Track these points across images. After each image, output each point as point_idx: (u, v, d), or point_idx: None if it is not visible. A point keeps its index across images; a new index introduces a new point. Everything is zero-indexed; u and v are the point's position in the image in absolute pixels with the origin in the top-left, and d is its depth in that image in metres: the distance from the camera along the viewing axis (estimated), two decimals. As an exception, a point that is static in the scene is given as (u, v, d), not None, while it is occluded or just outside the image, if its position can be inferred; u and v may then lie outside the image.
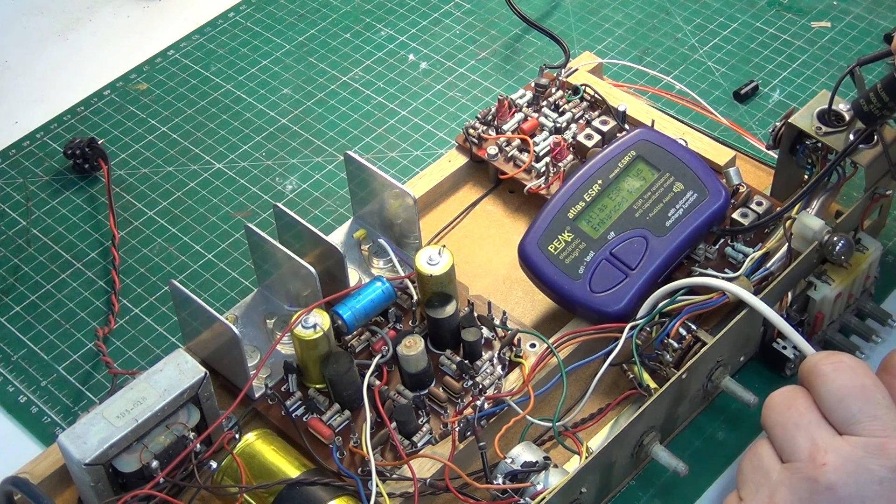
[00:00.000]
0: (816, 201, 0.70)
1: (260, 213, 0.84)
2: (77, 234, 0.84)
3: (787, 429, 0.58)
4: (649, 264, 0.69)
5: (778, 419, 0.59)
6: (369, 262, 0.74)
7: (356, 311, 0.67)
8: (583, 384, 0.68)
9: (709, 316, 0.68)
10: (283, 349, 0.69)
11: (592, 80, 0.82)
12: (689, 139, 0.77)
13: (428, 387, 0.67)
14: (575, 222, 0.70)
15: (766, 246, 0.70)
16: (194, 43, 0.98)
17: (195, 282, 0.80)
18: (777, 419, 0.59)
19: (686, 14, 0.97)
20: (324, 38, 0.98)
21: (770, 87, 0.90)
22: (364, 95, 0.92)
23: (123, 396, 0.61)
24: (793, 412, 0.58)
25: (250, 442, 0.64)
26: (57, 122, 0.92)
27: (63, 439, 0.60)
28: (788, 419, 0.58)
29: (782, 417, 0.59)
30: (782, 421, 0.58)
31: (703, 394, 0.68)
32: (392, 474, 0.62)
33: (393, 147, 0.88)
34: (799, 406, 0.58)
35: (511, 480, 0.60)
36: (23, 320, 0.79)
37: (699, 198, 0.70)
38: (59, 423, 0.73)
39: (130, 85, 0.95)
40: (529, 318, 0.72)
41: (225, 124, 0.91)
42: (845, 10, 0.95)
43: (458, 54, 0.95)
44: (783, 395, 0.60)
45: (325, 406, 0.66)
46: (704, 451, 0.68)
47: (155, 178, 0.87)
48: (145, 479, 0.60)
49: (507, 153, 0.78)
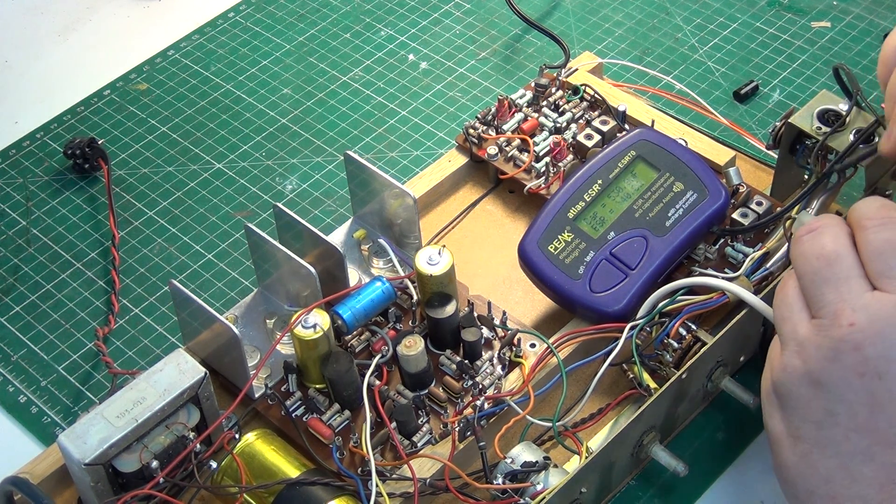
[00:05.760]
0: (816, 201, 0.70)
1: (260, 213, 0.84)
2: (77, 234, 0.84)
3: (816, 282, 0.56)
4: (649, 264, 0.69)
5: (806, 268, 0.56)
6: (369, 262, 0.74)
7: (356, 311, 0.67)
8: (583, 384, 0.68)
9: (709, 316, 0.68)
10: (283, 349, 0.69)
11: (592, 80, 0.82)
12: (689, 139, 0.77)
13: (428, 387, 0.67)
14: (575, 222, 0.70)
15: (766, 246, 0.70)
16: (194, 43, 0.98)
17: (195, 282, 0.80)
18: (806, 267, 0.56)
19: (686, 14, 0.97)
20: (324, 38, 0.98)
21: (770, 87, 0.90)
22: (364, 95, 0.92)
23: (123, 396, 0.61)
24: (821, 262, 0.56)
25: (250, 442, 0.64)
26: (57, 122, 0.92)
27: (63, 439, 0.60)
28: (818, 271, 0.56)
29: (811, 267, 0.56)
30: (811, 271, 0.56)
31: (703, 394, 0.68)
32: (392, 474, 0.62)
33: (393, 147, 0.88)
34: (829, 255, 0.56)
35: (511, 480, 0.60)
36: (23, 320, 0.79)
37: (699, 198, 0.70)
38: (59, 423, 0.73)
39: (130, 85, 0.95)
40: (529, 318, 0.72)
41: (225, 124, 0.91)
42: (845, 10, 0.95)
43: (458, 54, 0.95)
44: (811, 244, 0.57)
45: (325, 406, 0.66)
46: (704, 451, 0.68)
47: (155, 178, 0.87)
48: (145, 479, 0.60)
49: (507, 153, 0.78)
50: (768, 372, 0.58)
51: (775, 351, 0.58)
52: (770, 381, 0.58)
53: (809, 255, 0.57)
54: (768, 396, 0.58)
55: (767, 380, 0.58)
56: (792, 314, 0.57)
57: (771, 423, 0.58)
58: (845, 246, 0.56)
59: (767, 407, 0.58)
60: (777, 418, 0.58)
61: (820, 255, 0.56)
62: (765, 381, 0.59)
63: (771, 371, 0.58)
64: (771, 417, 0.58)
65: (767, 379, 0.58)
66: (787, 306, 0.57)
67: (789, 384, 0.56)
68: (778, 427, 0.57)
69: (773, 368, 0.58)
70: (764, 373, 0.59)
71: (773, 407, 0.58)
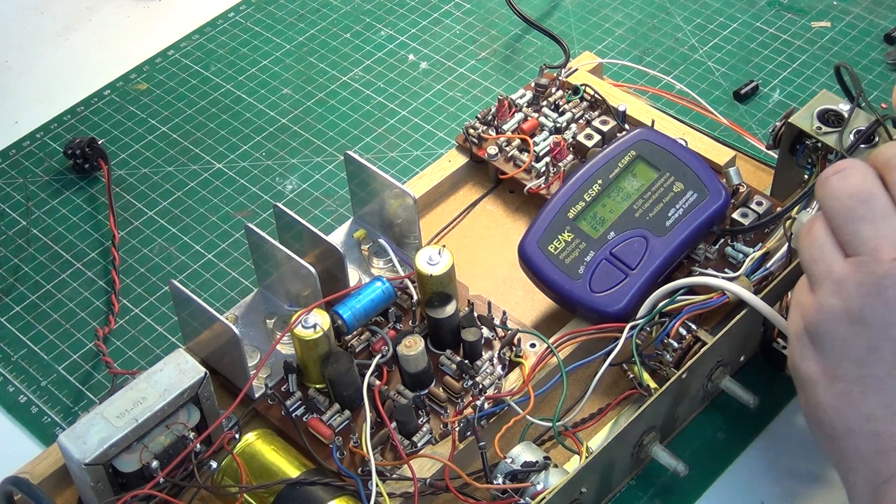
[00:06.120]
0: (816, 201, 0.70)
1: (260, 213, 0.84)
2: (77, 234, 0.84)
3: (851, 220, 0.55)
4: (649, 264, 0.68)
5: (838, 207, 0.56)
6: (369, 262, 0.74)
7: (356, 311, 0.67)
8: (583, 384, 0.68)
9: (709, 316, 0.68)
10: (283, 349, 0.69)
11: (592, 80, 0.82)
12: (689, 139, 0.77)
13: (428, 387, 0.67)
14: (575, 222, 0.70)
15: (766, 246, 0.70)
16: (194, 43, 0.98)
17: (195, 282, 0.80)
18: (837, 207, 0.56)
19: (686, 14, 0.97)
20: (324, 38, 0.98)
21: (770, 87, 0.90)
22: (364, 95, 0.92)
23: (123, 396, 0.61)
24: (854, 200, 0.55)
25: (250, 442, 0.64)
26: (57, 122, 0.92)
27: (63, 439, 0.60)
28: (853, 209, 0.55)
29: (843, 206, 0.56)
30: (843, 210, 0.56)
31: (703, 394, 0.68)
32: (392, 474, 0.62)
33: (393, 147, 0.88)
34: (861, 193, 0.55)
35: (511, 480, 0.60)
36: (23, 320, 0.79)
37: (699, 198, 0.70)
38: (59, 423, 0.73)
39: (130, 85, 0.95)
40: (529, 318, 0.72)
41: (225, 124, 0.91)
42: (845, 10, 0.95)
43: (458, 54, 0.95)
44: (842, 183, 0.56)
45: (325, 406, 0.66)
46: (704, 451, 0.68)
47: (155, 178, 0.87)
48: (145, 479, 0.60)
49: (507, 153, 0.78)
50: (797, 316, 0.57)
51: (804, 294, 0.57)
52: (801, 324, 0.57)
53: (841, 195, 0.56)
54: (799, 339, 0.57)
55: (797, 323, 0.57)
56: (824, 254, 0.56)
57: (803, 365, 0.57)
58: (876, 184, 0.56)
59: (799, 349, 0.57)
60: (811, 360, 0.57)
61: (853, 195, 0.56)
62: (794, 324, 0.58)
63: (801, 314, 0.57)
64: (803, 359, 0.57)
65: (797, 322, 0.57)
66: (817, 247, 0.57)
67: (826, 324, 0.55)
68: (811, 368, 0.57)
69: (805, 310, 0.57)
70: (791, 317, 0.58)
71: (805, 349, 0.57)
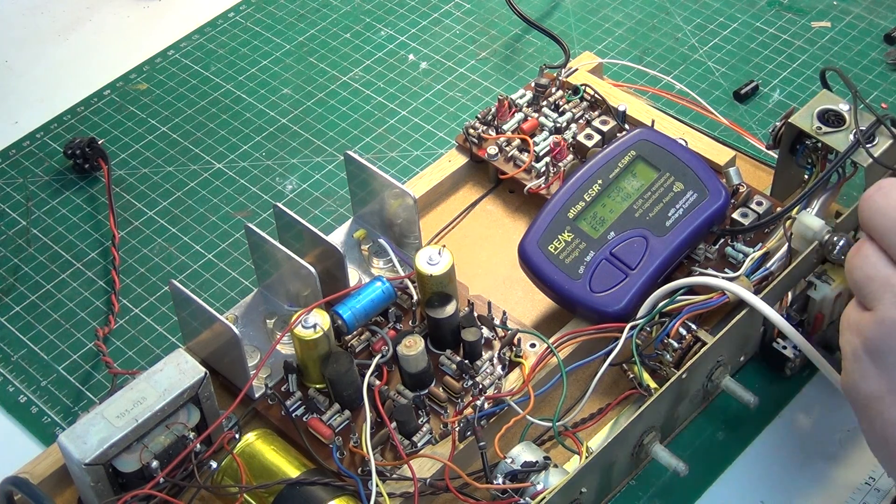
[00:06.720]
0: (816, 201, 0.70)
1: (260, 213, 0.84)
2: (77, 234, 0.84)
3: None
4: (649, 264, 0.69)
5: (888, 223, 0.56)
6: (369, 262, 0.74)
7: (356, 311, 0.67)
8: (583, 384, 0.68)
9: (709, 316, 0.68)
10: (283, 349, 0.69)
11: (592, 80, 0.82)
12: (689, 139, 0.77)
13: (428, 387, 0.67)
14: (575, 222, 0.70)
15: (766, 246, 0.70)
16: (194, 43, 0.98)
17: (195, 282, 0.80)
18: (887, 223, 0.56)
19: (686, 14, 0.97)
20: (324, 38, 0.98)
21: (770, 87, 0.90)
22: (364, 95, 0.92)
23: (123, 396, 0.61)
24: None
25: (250, 442, 0.64)
26: (57, 122, 0.92)
27: (63, 439, 0.60)
28: None
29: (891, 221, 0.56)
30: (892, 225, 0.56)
31: (703, 394, 0.68)
32: (392, 474, 0.62)
33: (393, 147, 0.88)
34: None
35: (511, 480, 0.60)
36: (23, 320, 0.79)
37: (699, 198, 0.70)
38: (59, 423, 0.73)
39: (130, 85, 0.95)
40: (529, 318, 0.72)
41: (225, 124, 0.91)
42: (845, 10, 0.95)
43: (458, 54, 0.95)
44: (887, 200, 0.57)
45: (325, 406, 0.66)
46: (704, 451, 0.68)
47: (155, 178, 0.87)
48: (145, 479, 0.60)
49: (507, 153, 0.78)
50: (852, 336, 0.57)
51: (856, 313, 0.57)
52: (858, 343, 0.57)
53: (888, 211, 0.56)
54: (857, 359, 0.57)
55: (853, 343, 0.57)
56: (879, 270, 0.56)
57: (864, 384, 0.56)
58: None
59: (859, 369, 0.57)
60: (873, 377, 0.56)
61: None
62: (849, 344, 0.57)
63: (857, 332, 0.57)
64: (864, 378, 0.56)
65: (853, 342, 0.57)
66: (870, 265, 0.57)
67: (890, 337, 0.55)
68: (874, 386, 0.56)
69: (862, 329, 0.56)
70: (845, 338, 0.58)
71: (866, 367, 0.56)
